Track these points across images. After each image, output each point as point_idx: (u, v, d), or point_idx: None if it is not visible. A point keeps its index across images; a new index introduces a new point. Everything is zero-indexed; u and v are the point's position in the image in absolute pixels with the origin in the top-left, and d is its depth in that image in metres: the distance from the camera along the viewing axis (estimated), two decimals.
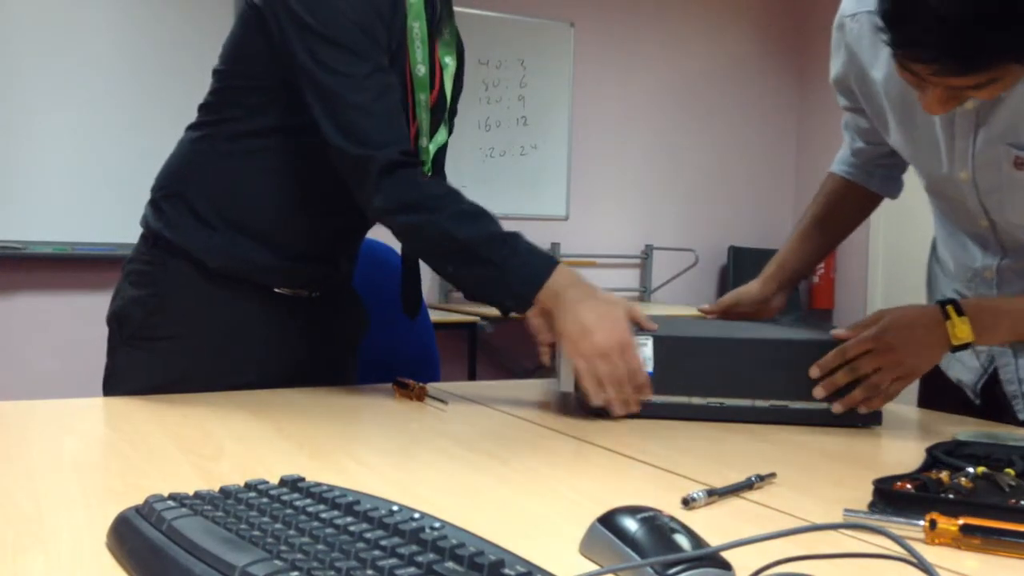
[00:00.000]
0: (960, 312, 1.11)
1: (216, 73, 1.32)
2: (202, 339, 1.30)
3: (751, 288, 1.49)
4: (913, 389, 1.45)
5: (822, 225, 1.52)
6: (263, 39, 1.24)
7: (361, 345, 1.56)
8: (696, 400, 1.17)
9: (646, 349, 1.19)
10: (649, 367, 1.18)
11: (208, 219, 1.29)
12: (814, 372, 1.15)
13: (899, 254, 4.95)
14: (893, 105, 1.26)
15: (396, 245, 1.46)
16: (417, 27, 1.27)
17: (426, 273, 1.42)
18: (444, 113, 1.37)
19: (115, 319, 1.32)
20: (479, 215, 1.20)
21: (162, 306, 1.29)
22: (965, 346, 1.12)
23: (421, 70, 1.28)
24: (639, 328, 1.20)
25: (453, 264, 1.21)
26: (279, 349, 1.35)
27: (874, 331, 1.13)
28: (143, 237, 1.34)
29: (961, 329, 1.10)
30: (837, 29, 1.33)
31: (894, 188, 1.52)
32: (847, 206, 1.52)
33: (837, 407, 1.14)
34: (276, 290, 1.34)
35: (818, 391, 1.15)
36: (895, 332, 1.12)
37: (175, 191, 1.32)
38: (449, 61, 1.34)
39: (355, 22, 1.18)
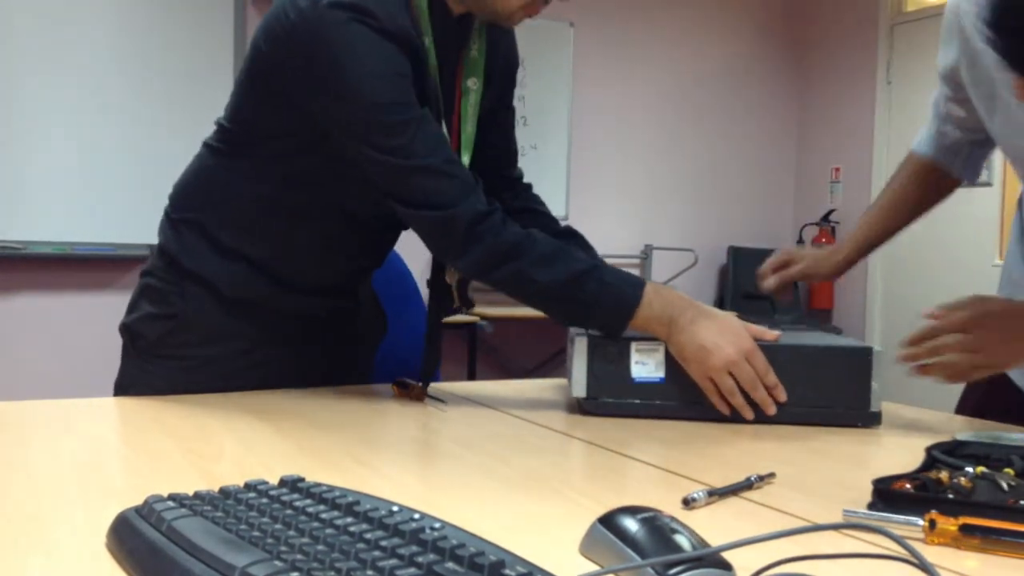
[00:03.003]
0: None
1: (228, 109, 1.30)
2: (217, 360, 1.30)
3: (822, 251, 1.55)
4: (954, 395, 1.44)
5: (900, 205, 1.52)
6: (273, 97, 1.21)
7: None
8: (705, 404, 1.17)
9: (658, 355, 1.19)
10: (661, 373, 1.18)
11: (225, 251, 1.29)
12: (904, 344, 1.14)
13: (899, 254, 4.95)
14: (1003, 89, 1.23)
15: (398, 248, 1.46)
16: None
17: (422, 276, 1.42)
18: (467, 144, 1.33)
19: (128, 332, 1.32)
20: (559, 255, 1.19)
21: (177, 327, 1.29)
22: None
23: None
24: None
25: (543, 305, 1.21)
26: (297, 366, 1.35)
27: (969, 313, 1.11)
28: (160, 252, 1.33)
29: None
30: (951, 13, 1.28)
31: (974, 174, 1.51)
32: (926, 188, 1.52)
33: (912, 371, 1.13)
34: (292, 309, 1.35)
35: (901, 355, 1.14)
36: (991, 319, 1.10)
37: (194, 218, 1.31)
38: (472, 85, 1.30)
39: (388, 99, 1.14)
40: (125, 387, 1.31)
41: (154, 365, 1.30)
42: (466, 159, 1.31)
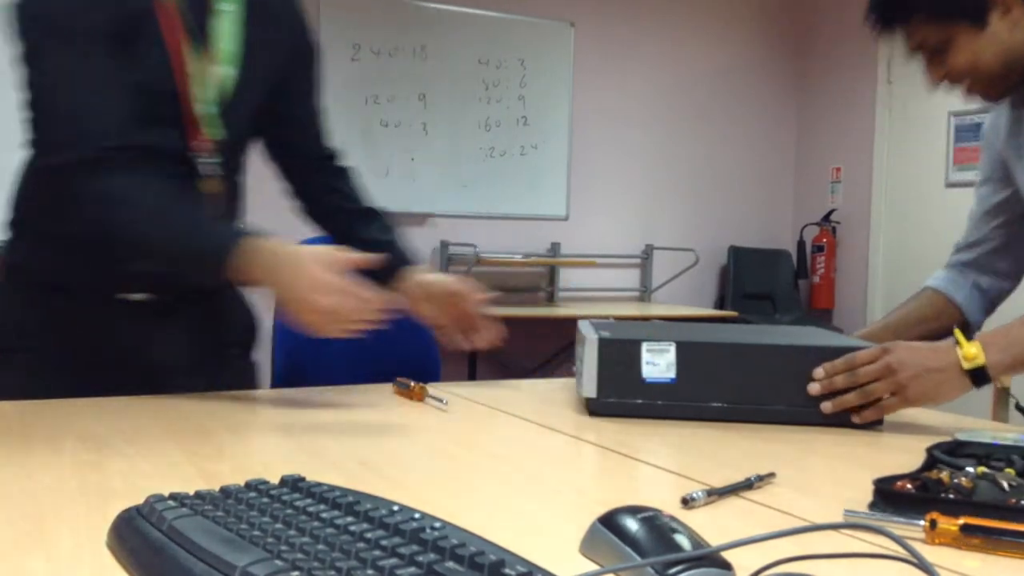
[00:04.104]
0: (970, 338, 1.12)
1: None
2: (53, 351, 1.28)
3: None
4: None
5: (900, 325, 1.54)
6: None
7: (357, 344, 1.53)
8: (713, 404, 1.17)
9: (669, 355, 1.19)
10: (672, 374, 1.18)
11: (36, 238, 1.30)
12: (819, 373, 1.16)
13: (899, 254, 4.95)
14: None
15: None
16: None
17: None
18: (227, 59, 1.29)
19: None
20: (169, 210, 1.17)
21: (8, 320, 1.30)
22: (981, 371, 1.11)
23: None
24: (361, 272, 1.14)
25: (142, 259, 1.21)
26: (128, 355, 1.31)
27: (892, 357, 1.13)
28: None
29: (968, 350, 1.11)
30: (985, 131, 1.47)
31: (975, 307, 1.52)
32: (929, 312, 1.54)
33: (827, 406, 1.15)
34: (117, 296, 1.32)
35: (814, 387, 1.15)
36: (902, 353, 1.13)
37: (13, 217, 1.32)
38: (226, 7, 1.27)
39: (65, 18, 1.12)
40: None
41: (1, 364, 1.28)
42: (229, 71, 1.28)
